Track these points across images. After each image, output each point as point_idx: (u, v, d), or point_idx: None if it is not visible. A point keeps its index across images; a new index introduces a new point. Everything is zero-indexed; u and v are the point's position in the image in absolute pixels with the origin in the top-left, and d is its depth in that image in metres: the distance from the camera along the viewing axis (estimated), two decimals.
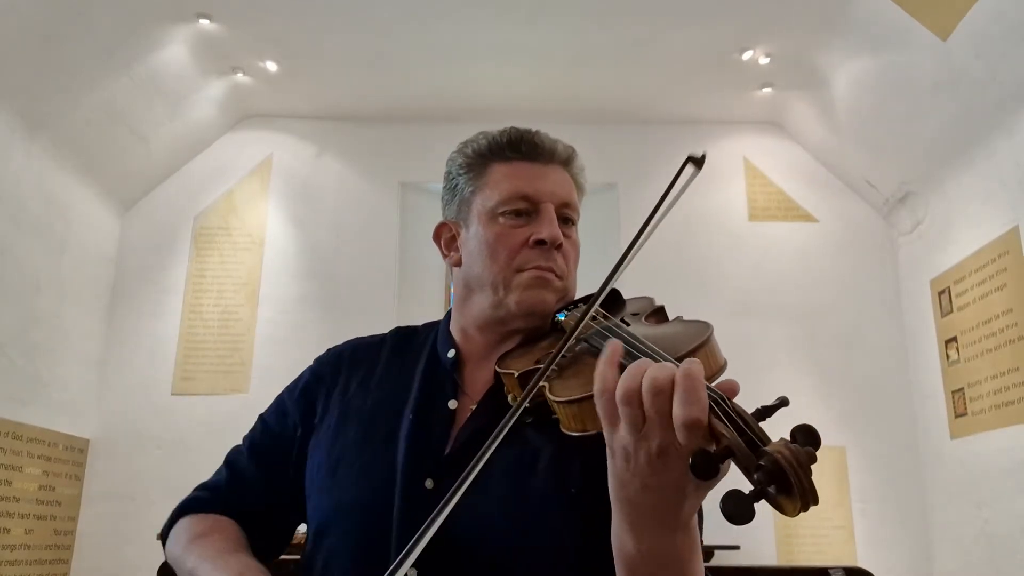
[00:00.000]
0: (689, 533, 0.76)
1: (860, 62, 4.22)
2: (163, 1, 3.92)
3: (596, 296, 0.88)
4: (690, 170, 0.91)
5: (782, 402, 0.68)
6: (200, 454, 3.99)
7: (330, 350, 1.17)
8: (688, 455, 0.64)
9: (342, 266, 4.89)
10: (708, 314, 0.99)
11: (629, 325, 0.94)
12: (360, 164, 5.08)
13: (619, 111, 5.02)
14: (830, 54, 4.33)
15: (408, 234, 4.99)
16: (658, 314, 1.02)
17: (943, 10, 3.53)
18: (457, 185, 1.09)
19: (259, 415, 1.15)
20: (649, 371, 0.68)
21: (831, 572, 1.83)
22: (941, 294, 4.34)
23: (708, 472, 0.63)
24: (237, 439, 1.15)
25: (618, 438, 0.71)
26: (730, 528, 0.62)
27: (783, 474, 0.60)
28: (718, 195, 4.97)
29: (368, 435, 1.01)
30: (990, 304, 3.88)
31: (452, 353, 1.07)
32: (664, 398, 0.67)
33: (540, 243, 1.01)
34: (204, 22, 4.13)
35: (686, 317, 0.97)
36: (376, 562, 0.86)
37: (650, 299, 1.06)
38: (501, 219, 1.04)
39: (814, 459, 0.61)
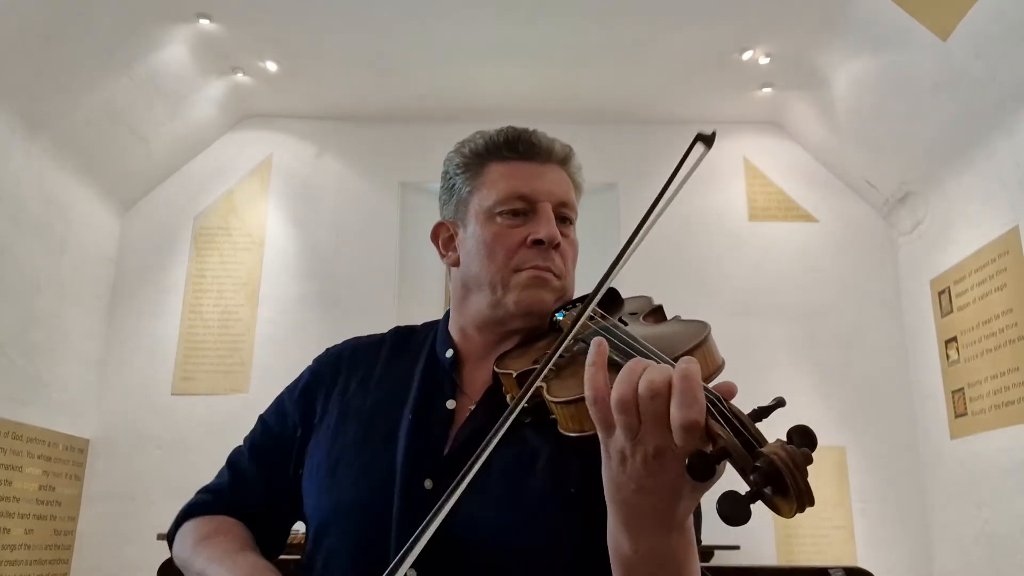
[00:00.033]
0: (685, 533, 0.75)
1: (860, 62, 4.21)
2: (163, 1, 3.92)
3: (592, 295, 0.87)
4: (700, 148, 0.89)
5: (778, 403, 0.68)
6: (200, 454, 4.00)
7: (329, 350, 1.16)
8: (684, 456, 0.64)
9: (342, 266, 4.89)
10: (708, 314, 0.99)
11: (627, 324, 0.94)
12: (360, 164, 5.08)
13: (619, 111, 5.01)
14: (830, 54, 4.32)
15: (408, 234, 4.99)
16: (656, 313, 1.02)
17: (943, 10, 3.53)
18: (454, 185, 1.09)
19: (259, 416, 1.15)
20: (645, 374, 0.68)
21: (831, 572, 1.82)
22: (941, 294, 4.34)
23: (704, 473, 0.62)
24: (237, 439, 1.15)
25: (613, 442, 0.71)
26: (730, 528, 0.62)
27: (779, 475, 0.60)
28: (718, 195, 4.97)
29: (367, 435, 1.01)
30: (990, 304, 3.87)
31: (450, 353, 1.07)
32: (661, 401, 0.66)
33: (538, 243, 1.01)
34: (204, 22, 4.13)
35: (685, 317, 0.97)
36: (375, 562, 0.86)
37: (648, 298, 1.06)
38: (499, 219, 1.03)
39: (810, 460, 0.61)
